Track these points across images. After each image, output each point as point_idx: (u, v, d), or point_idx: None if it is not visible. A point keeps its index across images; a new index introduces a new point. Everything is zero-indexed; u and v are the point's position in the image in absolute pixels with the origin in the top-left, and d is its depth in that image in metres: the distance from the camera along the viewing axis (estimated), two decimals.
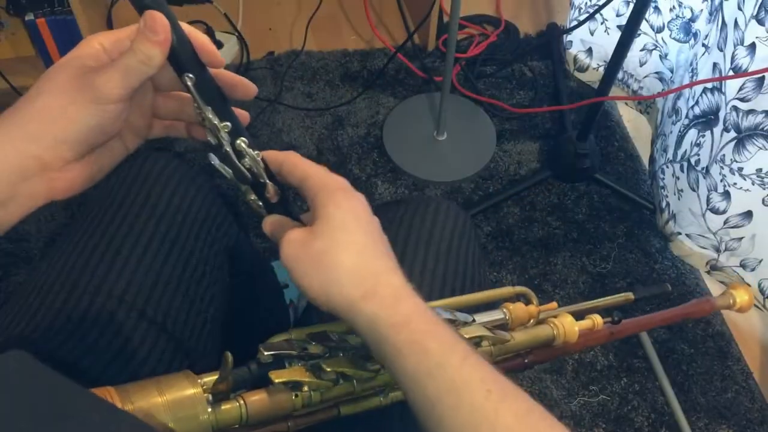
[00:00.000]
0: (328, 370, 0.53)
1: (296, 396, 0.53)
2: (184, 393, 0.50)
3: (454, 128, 1.62)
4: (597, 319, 0.67)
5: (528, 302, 0.66)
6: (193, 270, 0.72)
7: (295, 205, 0.58)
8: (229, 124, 0.52)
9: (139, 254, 0.69)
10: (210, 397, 0.50)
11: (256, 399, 0.52)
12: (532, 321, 0.65)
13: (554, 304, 0.67)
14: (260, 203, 0.56)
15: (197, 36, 0.51)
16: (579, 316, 0.67)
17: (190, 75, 0.50)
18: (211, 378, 0.52)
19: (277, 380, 0.52)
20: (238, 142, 0.53)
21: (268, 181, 0.55)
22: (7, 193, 0.48)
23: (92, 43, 0.50)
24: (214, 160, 0.54)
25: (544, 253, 1.46)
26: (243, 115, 0.55)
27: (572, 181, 1.56)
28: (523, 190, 1.54)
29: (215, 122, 0.52)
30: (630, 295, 0.72)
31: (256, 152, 0.54)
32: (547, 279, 1.43)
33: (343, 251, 0.50)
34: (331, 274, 0.50)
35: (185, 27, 0.50)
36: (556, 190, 1.56)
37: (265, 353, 0.53)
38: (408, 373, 0.48)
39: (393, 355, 0.49)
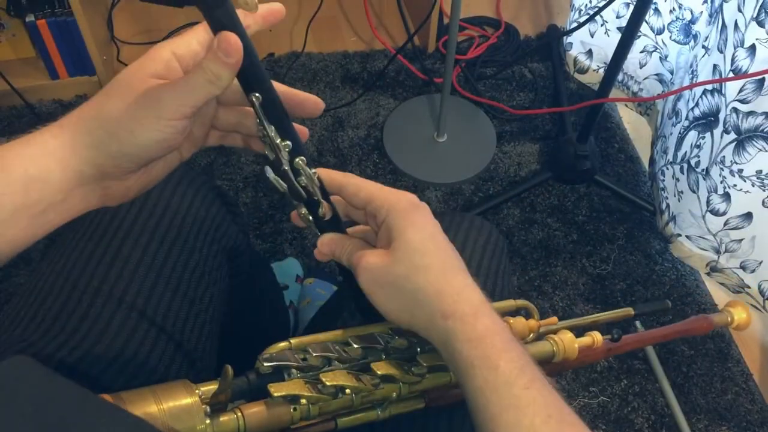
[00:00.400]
0: (328, 383, 0.53)
1: (294, 409, 0.53)
2: (182, 402, 0.49)
3: (455, 130, 1.62)
4: (597, 337, 0.67)
5: (529, 316, 0.66)
6: (192, 270, 0.72)
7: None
8: (290, 143, 0.53)
9: (138, 255, 0.69)
10: (208, 408, 0.50)
11: (254, 411, 0.52)
12: (531, 336, 0.65)
13: (554, 318, 0.67)
14: (310, 218, 0.57)
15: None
16: (578, 329, 0.67)
17: (257, 95, 0.50)
18: (209, 387, 0.51)
19: (276, 394, 0.52)
20: (296, 160, 0.54)
21: (322, 199, 0.56)
22: (61, 195, 0.48)
23: (162, 53, 0.50)
24: (270, 174, 0.54)
25: (545, 254, 1.46)
26: (303, 132, 0.55)
27: (572, 183, 1.56)
28: (523, 192, 1.54)
29: (277, 141, 0.52)
30: (630, 311, 0.73)
31: (312, 171, 0.55)
32: (547, 280, 1.43)
33: (425, 275, 0.52)
34: (414, 298, 0.52)
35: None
36: (556, 191, 1.56)
37: (265, 364, 0.53)
38: (476, 385, 0.49)
39: (464, 368, 0.50)
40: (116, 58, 1.67)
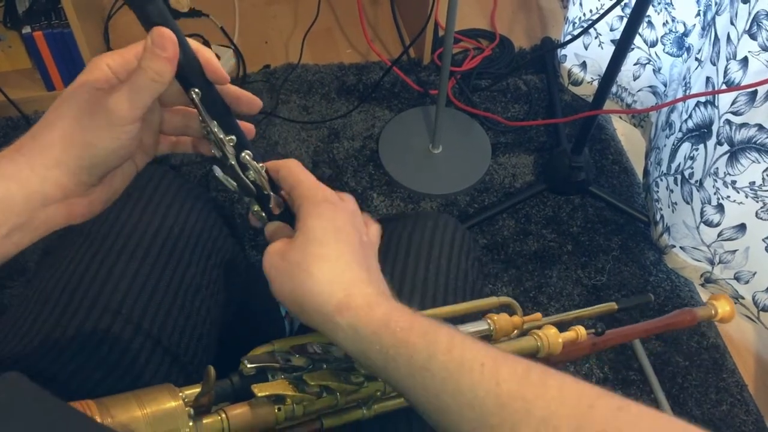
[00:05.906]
0: (312, 383, 0.53)
1: (279, 409, 0.53)
2: (165, 406, 0.49)
3: (450, 141, 1.62)
4: (581, 331, 0.66)
5: (512, 313, 0.65)
6: (189, 283, 0.72)
7: None
8: (234, 137, 0.53)
9: (135, 268, 0.69)
10: (191, 410, 0.50)
11: (238, 413, 0.52)
12: (516, 332, 0.64)
13: (538, 314, 0.66)
14: (263, 214, 0.57)
15: (203, 52, 0.51)
16: (563, 325, 0.67)
17: (197, 90, 0.51)
18: (192, 391, 0.51)
19: (259, 394, 0.52)
20: (242, 155, 0.54)
21: (271, 192, 0.56)
22: (25, 218, 0.48)
23: (99, 64, 0.50)
24: (218, 172, 0.55)
25: (539, 265, 1.46)
26: (248, 128, 0.55)
27: (567, 194, 1.57)
28: (518, 203, 1.54)
29: (221, 136, 0.52)
30: (613, 305, 0.72)
31: (260, 164, 0.55)
32: (543, 291, 1.43)
33: (315, 264, 0.51)
34: (303, 287, 0.51)
35: (190, 42, 0.51)
36: (551, 203, 1.56)
37: (248, 366, 0.53)
38: (401, 375, 0.48)
39: (381, 362, 0.48)
40: None
